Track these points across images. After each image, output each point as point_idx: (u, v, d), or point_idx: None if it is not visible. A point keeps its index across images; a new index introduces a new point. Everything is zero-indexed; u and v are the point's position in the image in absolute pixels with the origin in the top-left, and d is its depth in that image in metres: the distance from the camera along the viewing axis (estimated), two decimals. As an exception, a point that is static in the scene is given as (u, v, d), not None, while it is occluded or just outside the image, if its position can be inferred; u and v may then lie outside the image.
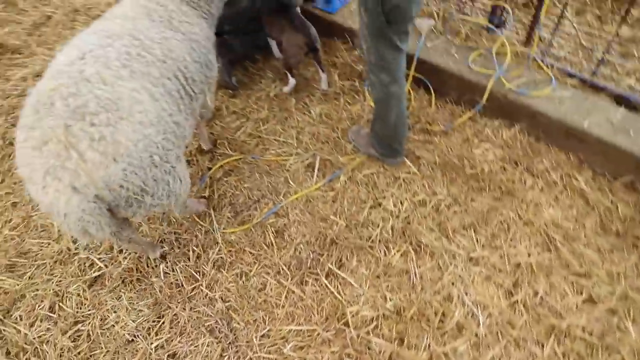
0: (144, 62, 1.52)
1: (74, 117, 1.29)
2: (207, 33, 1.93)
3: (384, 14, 1.59)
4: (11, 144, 2.70)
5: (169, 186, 1.58)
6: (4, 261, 2.16)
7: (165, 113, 1.54)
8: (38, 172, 1.29)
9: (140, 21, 1.63)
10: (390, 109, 1.96)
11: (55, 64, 1.47)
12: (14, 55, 3.30)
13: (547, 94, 2.21)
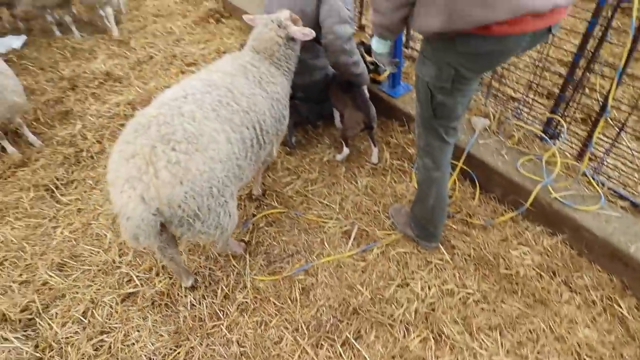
0: (230, 110, 1.82)
1: (162, 140, 1.56)
2: (285, 91, 2.26)
3: (432, 107, 1.74)
4: (92, 157, 3.07)
5: (219, 218, 1.77)
6: (57, 259, 2.38)
7: (234, 156, 1.79)
8: (121, 179, 1.54)
9: (238, 78, 1.99)
10: (430, 193, 2.05)
11: (163, 96, 1.80)
12: (115, 84, 3.83)
13: (595, 211, 2.21)
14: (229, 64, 2.07)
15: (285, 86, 2.26)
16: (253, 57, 2.16)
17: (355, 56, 2.49)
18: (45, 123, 3.40)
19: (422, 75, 1.67)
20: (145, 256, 2.37)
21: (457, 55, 1.49)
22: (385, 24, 1.59)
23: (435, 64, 1.58)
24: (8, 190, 2.85)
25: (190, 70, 3.95)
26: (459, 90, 1.63)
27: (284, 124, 2.28)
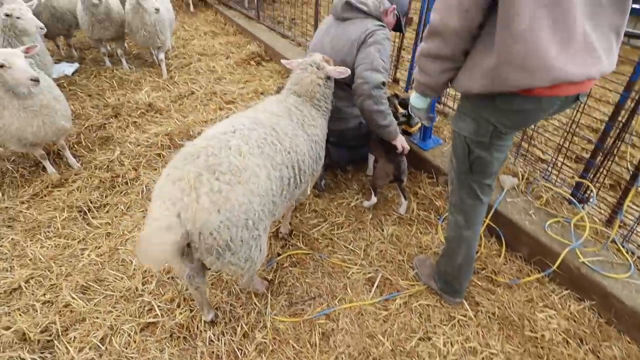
0: (273, 149, 1.93)
1: (208, 169, 1.66)
2: (324, 132, 2.38)
3: (468, 162, 1.78)
4: (127, 183, 3.19)
5: (250, 251, 1.82)
6: (82, 282, 2.43)
7: (271, 192, 1.87)
8: (164, 197, 1.62)
9: (283, 119, 2.12)
10: (459, 251, 2.05)
11: (213, 130, 1.92)
12: (156, 115, 4.03)
13: (624, 279, 2.17)
14: (274, 106, 2.21)
15: (323, 127, 2.39)
16: (296, 101, 2.29)
17: (382, 106, 2.51)
18: (86, 147, 3.57)
19: (460, 130, 1.73)
20: (168, 286, 2.40)
21: (496, 112, 1.56)
22: (430, 84, 1.64)
23: (474, 119, 1.65)
24: (43, 208, 2.96)
25: (229, 108, 4.14)
26: (495, 145, 1.68)
27: (320, 165, 2.37)
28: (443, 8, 1.37)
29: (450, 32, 1.39)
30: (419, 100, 1.87)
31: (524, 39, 1.28)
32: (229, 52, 5.50)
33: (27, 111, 2.77)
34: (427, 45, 1.52)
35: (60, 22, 4.63)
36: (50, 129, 2.90)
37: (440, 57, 1.50)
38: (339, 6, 2.74)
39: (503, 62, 1.35)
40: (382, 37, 2.58)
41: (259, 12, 6.12)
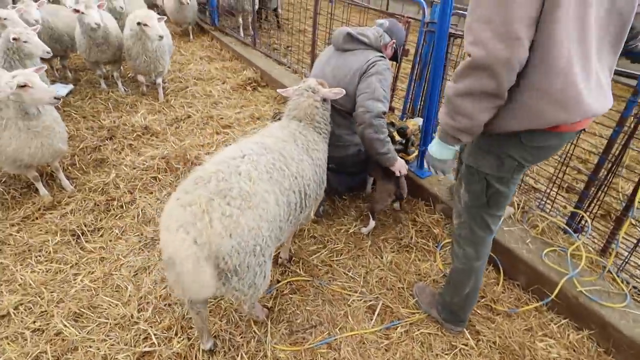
0: (281, 174, 1.96)
1: (219, 194, 1.67)
2: (325, 156, 2.41)
3: (486, 197, 1.77)
4: (122, 206, 3.14)
5: (255, 277, 1.81)
6: (74, 309, 2.35)
7: (278, 217, 1.88)
8: (176, 224, 1.62)
9: (289, 144, 2.15)
10: (468, 282, 2.06)
11: (222, 154, 1.94)
12: (152, 138, 4.02)
13: (621, 309, 2.21)
14: (279, 131, 2.24)
15: (325, 151, 2.43)
16: (299, 125, 2.33)
17: (381, 134, 2.58)
18: (80, 169, 3.52)
19: (480, 168, 1.68)
20: (164, 313, 2.34)
21: (520, 148, 1.55)
22: (468, 127, 1.46)
23: (497, 156, 1.62)
24: (34, 232, 2.89)
25: (225, 132, 4.16)
26: (514, 179, 1.70)
27: (323, 189, 2.40)
28: (488, 39, 1.26)
29: (501, 64, 1.27)
30: (445, 150, 1.65)
31: (564, 74, 1.31)
32: (225, 77, 5.57)
33: (29, 132, 2.76)
34: (465, 83, 1.38)
35: (57, 44, 4.64)
36: (47, 151, 2.87)
37: (486, 94, 1.36)
38: (340, 37, 2.83)
39: (542, 97, 1.36)
40: (384, 67, 2.66)
41: (255, 38, 6.24)
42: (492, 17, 1.25)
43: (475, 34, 1.31)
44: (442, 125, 1.55)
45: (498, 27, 1.24)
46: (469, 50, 1.34)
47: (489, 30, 1.26)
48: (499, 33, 1.25)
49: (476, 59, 1.31)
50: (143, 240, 2.85)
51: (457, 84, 1.41)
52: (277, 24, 7.59)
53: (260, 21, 7.46)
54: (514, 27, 1.23)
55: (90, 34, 4.20)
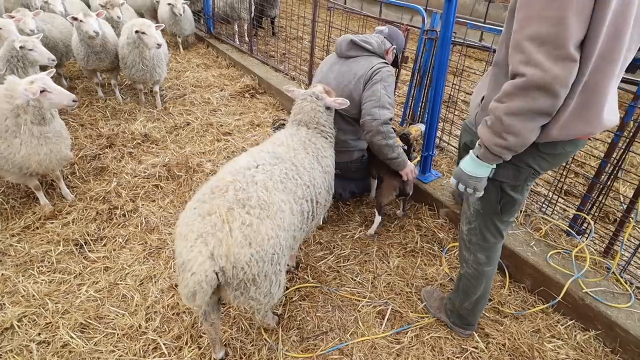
0: (294, 183, 1.97)
1: (238, 204, 1.69)
2: (333, 162, 2.42)
3: (499, 205, 1.80)
4: (125, 215, 3.11)
5: (271, 286, 1.81)
6: (80, 320, 2.32)
7: (293, 227, 1.89)
8: (194, 233, 1.62)
9: (300, 152, 2.16)
10: (479, 287, 2.08)
11: (235, 164, 1.95)
12: (152, 145, 3.99)
13: (626, 309, 2.25)
14: (290, 139, 2.25)
15: (332, 157, 2.44)
16: (308, 132, 2.34)
17: (390, 140, 2.63)
18: (80, 178, 3.48)
19: (495, 176, 1.68)
20: (173, 322, 2.32)
21: (538, 156, 1.59)
22: (517, 145, 1.45)
23: (514, 165, 1.64)
24: (35, 242, 2.84)
25: (226, 140, 4.15)
26: (527, 186, 1.74)
27: (331, 195, 2.41)
28: (544, 60, 1.26)
29: (559, 84, 1.27)
30: (482, 168, 1.60)
31: (591, 92, 1.37)
32: (222, 84, 5.57)
33: (40, 138, 2.75)
34: (520, 102, 1.35)
35: (53, 52, 4.54)
36: (55, 157, 2.85)
37: (541, 113, 1.36)
38: (343, 44, 2.86)
39: (571, 113, 1.40)
40: (387, 74, 2.70)
41: (251, 46, 6.26)
42: (546, 38, 1.25)
43: (529, 54, 1.29)
44: (486, 144, 1.51)
45: (553, 50, 1.25)
46: (522, 70, 1.31)
47: (543, 51, 1.26)
48: (555, 55, 1.25)
49: (533, 80, 1.29)
50: (147, 248, 2.82)
51: (508, 104, 1.38)
52: (273, 32, 7.63)
53: (257, 29, 7.48)
54: (570, 50, 1.24)
55: (89, 42, 4.17)
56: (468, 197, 1.92)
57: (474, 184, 1.63)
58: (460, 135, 2.67)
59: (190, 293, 1.59)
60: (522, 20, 1.32)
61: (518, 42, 1.33)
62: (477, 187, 1.64)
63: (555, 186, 2.88)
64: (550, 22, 1.24)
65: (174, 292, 2.49)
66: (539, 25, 1.26)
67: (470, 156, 1.62)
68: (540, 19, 1.26)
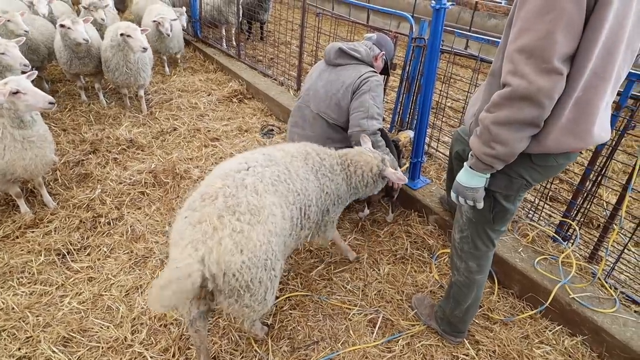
0: (286, 188, 1.94)
1: (228, 211, 1.66)
2: (340, 192, 2.31)
3: (492, 214, 1.81)
4: (109, 223, 3.03)
5: (266, 292, 1.79)
6: (63, 333, 2.24)
7: (285, 232, 1.87)
8: (185, 240, 1.61)
9: (297, 161, 2.12)
10: (469, 295, 2.08)
11: (225, 166, 1.92)
12: (138, 151, 3.91)
13: (612, 314, 2.29)
14: (294, 147, 2.23)
15: (341, 189, 2.31)
16: (325, 153, 2.29)
17: (379, 149, 2.65)
18: (63, 184, 3.39)
19: (488, 185, 1.69)
20: (160, 335, 2.27)
21: (530, 168, 1.61)
22: (507, 154, 1.47)
23: (507, 175, 1.65)
24: (15, 252, 2.75)
25: (214, 145, 4.10)
26: (520, 196, 1.76)
27: (328, 221, 2.35)
28: (530, 72, 1.29)
29: (543, 95, 1.30)
30: (476, 179, 1.62)
31: (582, 108, 1.39)
32: (210, 89, 5.51)
33: (24, 143, 2.67)
34: (506, 112, 1.38)
35: (34, 54, 4.48)
36: (40, 162, 2.78)
37: (527, 123, 1.39)
38: (332, 52, 2.86)
39: (563, 127, 1.43)
40: (376, 83, 2.71)
41: (239, 50, 6.22)
42: (534, 51, 1.28)
43: (516, 65, 1.33)
44: (476, 154, 1.55)
45: (540, 62, 1.28)
46: (509, 80, 1.35)
47: (531, 63, 1.29)
48: (541, 68, 1.28)
49: (518, 90, 1.33)
50: (133, 258, 2.76)
51: (496, 113, 1.42)
52: (261, 36, 7.60)
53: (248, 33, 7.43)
54: (555, 64, 1.26)
55: (74, 48, 4.08)
56: (461, 206, 1.93)
57: (471, 195, 1.66)
58: (452, 144, 2.70)
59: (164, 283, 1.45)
60: (516, 33, 1.35)
61: (509, 53, 1.37)
62: (476, 198, 1.66)
63: (542, 192, 2.92)
64: (538, 35, 1.27)
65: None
66: (529, 38, 1.29)
67: (465, 167, 1.65)
68: (530, 32, 1.29)
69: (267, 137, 4.32)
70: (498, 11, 7.72)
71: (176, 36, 5.61)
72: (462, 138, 2.53)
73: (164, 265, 2.70)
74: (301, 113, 2.90)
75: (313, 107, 2.81)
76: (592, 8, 1.25)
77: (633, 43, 1.41)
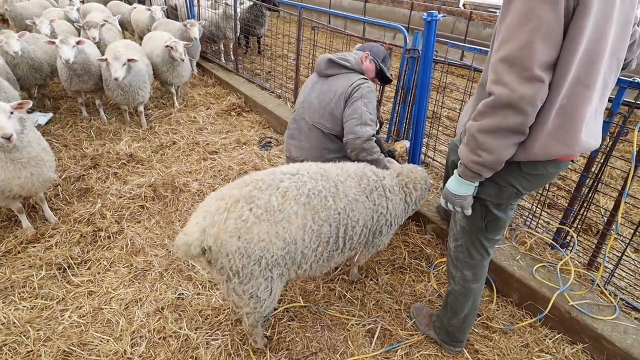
0: (322, 204, 1.97)
1: (247, 200, 1.81)
2: (397, 212, 2.36)
3: (484, 222, 1.83)
4: (110, 237, 3.06)
5: (258, 288, 1.86)
6: (63, 347, 2.25)
7: (302, 242, 1.90)
8: (202, 209, 1.84)
9: (350, 180, 2.15)
10: (466, 304, 2.09)
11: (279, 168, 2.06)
12: (137, 165, 3.95)
13: (612, 321, 2.29)
14: (353, 167, 2.27)
15: (399, 209, 2.36)
16: (383, 174, 2.36)
17: (374, 154, 2.64)
18: (64, 199, 3.43)
19: (478, 194, 1.71)
20: (159, 347, 2.27)
21: (519, 176, 1.63)
22: (493, 162, 1.49)
23: (496, 183, 1.67)
24: (17, 266, 2.77)
25: (212, 158, 4.14)
26: (512, 205, 1.78)
27: (380, 240, 2.37)
28: (512, 80, 1.32)
29: (526, 103, 1.33)
30: (465, 187, 1.65)
31: (569, 114, 1.42)
32: (208, 102, 5.58)
33: (15, 163, 2.67)
34: (490, 120, 1.41)
35: (37, 73, 4.56)
36: (37, 180, 2.79)
37: (511, 131, 1.41)
38: (322, 64, 2.90)
39: (549, 134, 1.45)
40: (367, 90, 2.74)
41: (237, 64, 6.31)
42: (515, 60, 1.31)
43: (499, 75, 1.36)
44: (464, 162, 1.58)
45: (521, 71, 1.31)
46: (492, 89, 1.39)
47: (512, 72, 1.32)
48: (522, 76, 1.31)
49: (501, 98, 1.36)
50: (133, 271, 2.77)
51: (481, 122, 1.45)
52: (258, 50, 7.71)
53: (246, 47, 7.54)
54: (536, 72, 1.29)
55: (70, 66, 4.15)
56: (455, 214, 1.95)
57: (460, 202, 1.68)
58: (448, 153, 2.72)
59: (177, 246, 1.78)
60: (498, 43, 1.39)
61: (493, 63, 1.41)
62: (464, 205, 1.69)
63: (539, 199, 2.94)
64: (519, 45, 1.31)
65: (160, 315, 2.44)
66: (510, 47, 1.33)
67: (454, 175, 1.68)
68: (511, 42, 1.33)
69: (265, 150, 4.36)
70: (493, 21, 7.81)
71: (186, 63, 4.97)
72: (457, 147, 2.55)
73: (163, 278, 2.72)
74: (297, 125, 2.93)
75: (308, 118, 2.85)
76: (571, 17, 1.28)
77: (618, 52, 1.45)
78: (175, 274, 2.75)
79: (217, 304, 2.53)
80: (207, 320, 2.43)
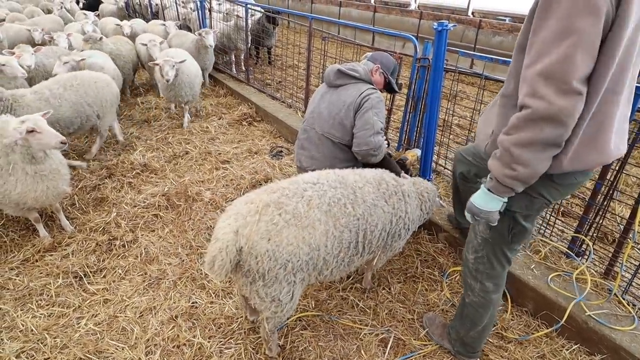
0: (342, 211, 2.04)
1: (276, 205, 1.89)
2: (414, 216, 2.43)
3: (510, 234, 1.80)
4: (124, 245, 3.10)
5: (280, 292, 1.91)
6: (80, 354, 2.28)
7: (324, 249, 1.96)
8: (232, 211, 1.91)
9: (369, 186, 2.22)
10: (485, 315, 2.07)
11: (300, 177, 2.13)
12: (151, 175, 4.02)
13: (631, 331, 2.24)
14: (371, 173, 2.33)
15: (415, 214, 2.42)
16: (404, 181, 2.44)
17: (380, 154, 2.78)
18: (80, 209, 3.49)
19: (509, 207, 1.68)
20: (173, 356, 2.29)
21: (550, 186, 1.62)
22: (528, 176, 1.47)
23: (528, 195, 1.65)
24: (35, 275, 2.83)
25: (224, 168, 4.18)
26: (539, 215, 1.78)
27: (399, 243, 2.43)
28: (550, 93, 1.31)
29: (565, 115, 1.32)
30: (495, 202, 1.61)
31: (601, 123, 1.43)
32: (220, 112, 5.65)
33: (35, 176, 2.74)
34: (526, 133, 1.39)
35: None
36: (52, 194, 2.85)
37: (549, 144, 1.40)
38: (331, 74, 2.93)
39: (583, 144, 1.46)
40: (377, 100, 2.76)
41: (248, 74, 6.40)
42: (553, 73, 1.31)
43: (535, 88, 1.35)
44: (496, 176, 1.54)
45: (560, 84, 1.30)
46: (528, 102, 1.37)
47: (550, 85, 1.32)
48: (561, 89, 1.31)
49: (538, 111, 1.35)
50: (147, 279, 2.81)
51: (516, 135, 1.43)
52: (269, 60, 7.81)
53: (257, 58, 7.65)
54: (574, 85, 1.29)
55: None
56: (475, 226, 1.94)
57: (487, 217, 1.65)
58: (454, 165, 2.71)
59: (211, 258, 1.79)
60: (533, 57, 1.38)
61: (527, 76, 1.40)
62: (490, 220, 1.66)
63: (553, 207, 2.90)
64: (557, 58, 1.30)
65: (174, 323, 2.46)
66: (550, 61, 1.32)
67: (482, 190, 1.64)
68: (549, 55, 1.32)
69: (276, 159, 4.40)
70: (502, 29, 7.80)
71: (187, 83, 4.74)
72: (464, 159, 2.54)
73: (177, 286, 2.74)
74: (307, 135, 2.96)
75: (318, 128, 2.88)
76: (609, 29, 1.29)
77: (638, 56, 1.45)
78: (188, 282, 2.78)
79: (231, 312, 2.54)
80: (220, 328, 2.44)
